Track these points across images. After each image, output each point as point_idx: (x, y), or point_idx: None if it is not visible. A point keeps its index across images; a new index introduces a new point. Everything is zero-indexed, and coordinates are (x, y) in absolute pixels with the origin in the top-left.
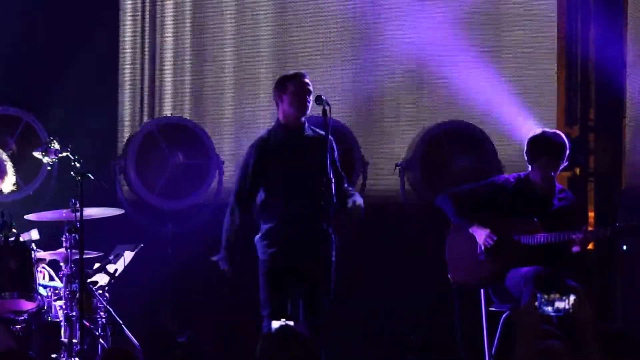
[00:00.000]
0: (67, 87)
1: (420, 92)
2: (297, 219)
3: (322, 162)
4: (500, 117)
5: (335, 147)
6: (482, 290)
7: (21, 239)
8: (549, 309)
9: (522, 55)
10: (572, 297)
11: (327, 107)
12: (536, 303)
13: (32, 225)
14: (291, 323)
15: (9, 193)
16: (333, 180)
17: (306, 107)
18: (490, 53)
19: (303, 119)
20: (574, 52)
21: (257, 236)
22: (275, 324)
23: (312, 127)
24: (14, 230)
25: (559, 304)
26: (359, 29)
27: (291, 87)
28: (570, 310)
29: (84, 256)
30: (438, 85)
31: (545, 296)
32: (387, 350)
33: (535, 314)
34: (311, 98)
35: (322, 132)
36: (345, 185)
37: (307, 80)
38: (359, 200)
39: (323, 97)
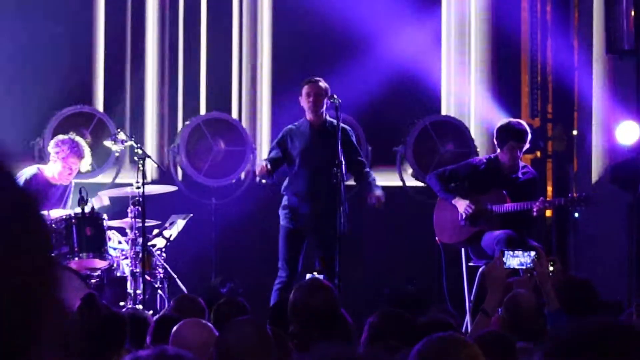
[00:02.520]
0: (131, 88)
1: (412, 92)
2: (309, 194)
3: (334, 148)
4: (475, 111)
5: (353, 136)
6: (462, 250)
7: (95, 206)
8: (515, 263)
9: (493, 63)
10: (533, 254)
11: (337, 104)
12: (504, 259)
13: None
14: (320, 276)
15: (86, 172)
16: (344, 162)
17: (317, 107)
18: (466, 61)
19: (325, 114)
20: (535, 59)
21: (280, 207)
22: (308, 276)
23: (332, 121)
24: (89, 204)
25: (522, 259)
26: (363, 39)
27: (303, 91)
28: (531, 265)
29: (145, 224)
30: (427, 86)
31: (512, 253)
32: (386, 300)
33: (503, 269)
34: (323, 97)
35: (336, 122)
36: (367, 170)
37: (316, 85)
38: (379, 193)
39: (335, 96)
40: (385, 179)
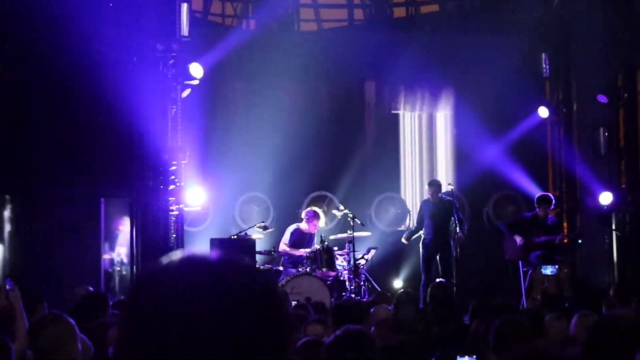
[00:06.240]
0: (349, 174)
1: (489, 181)
2: (433, 234)
3: (449, 212)
4: (526, 189)
5: (457, 205)
6: (520, 262)
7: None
8: (548, 271)
9: (530, 163)
10: (556, 267)
11: (453, 189)
12: (541, 269)
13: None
14: (444, 280)
15: (323, 226)
16: (456, 221)
17: (435, 199)
18: (520, 168)
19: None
20: (555, 159)
21: (421, 241)
22: (437, 280)
23: (443, 196)
24: (326, 245)
25: (551, 269)
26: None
27: (430, 189)
28: (556, 272)
29: (355, 252)
30: (503, 179)
31: (545, 266)
32: (476, 292)
33: (541, 274)
34: (438, 193)
35: (449, 198)
36: (462, 224)
37: (439, 186)
38: (460, 234)
39: (451, 185)
40: (480, 226)
